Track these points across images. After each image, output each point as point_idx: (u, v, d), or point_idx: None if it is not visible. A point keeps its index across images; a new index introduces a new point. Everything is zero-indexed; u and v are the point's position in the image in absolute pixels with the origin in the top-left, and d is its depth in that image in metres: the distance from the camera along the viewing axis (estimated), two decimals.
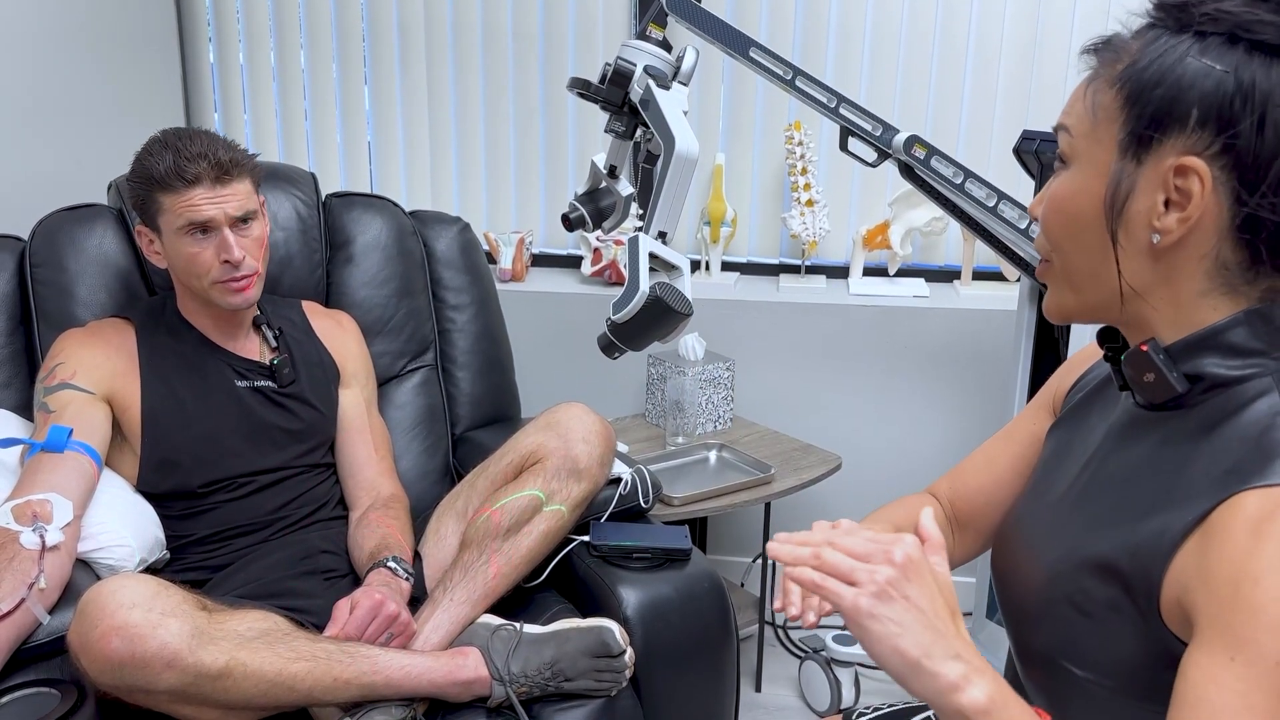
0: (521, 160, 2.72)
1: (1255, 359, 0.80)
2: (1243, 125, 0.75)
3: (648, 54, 1.54)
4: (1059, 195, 0.85)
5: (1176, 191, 0.78)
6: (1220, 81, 0.75)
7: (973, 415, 2.49)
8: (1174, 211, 0.78)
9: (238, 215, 1.61)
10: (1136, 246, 0.81)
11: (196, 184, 1.57)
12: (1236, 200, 0.77)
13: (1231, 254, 0.79)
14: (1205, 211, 0.77)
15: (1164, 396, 0.83)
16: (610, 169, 1.65)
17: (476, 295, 2.13)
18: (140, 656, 1.24)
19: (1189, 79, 0.76)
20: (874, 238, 2.52)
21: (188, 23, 2.76)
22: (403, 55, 2.71)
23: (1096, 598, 0.83)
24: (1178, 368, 0.82)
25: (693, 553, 1.68)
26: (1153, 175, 0.79)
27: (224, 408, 1.69)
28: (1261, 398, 0.79)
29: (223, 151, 1.60)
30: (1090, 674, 0.84)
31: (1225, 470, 0.77)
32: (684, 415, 2.32)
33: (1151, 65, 0.78)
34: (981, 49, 2.47)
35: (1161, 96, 0.77)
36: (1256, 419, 0.78)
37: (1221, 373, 0.81)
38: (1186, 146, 0.77)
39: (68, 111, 2.29)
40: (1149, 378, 0.83)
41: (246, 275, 1.64)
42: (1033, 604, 0.91)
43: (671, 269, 1.46)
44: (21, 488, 1.48)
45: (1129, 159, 0.80)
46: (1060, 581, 0.87)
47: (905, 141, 1.69)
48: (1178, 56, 0.77)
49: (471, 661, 1.46)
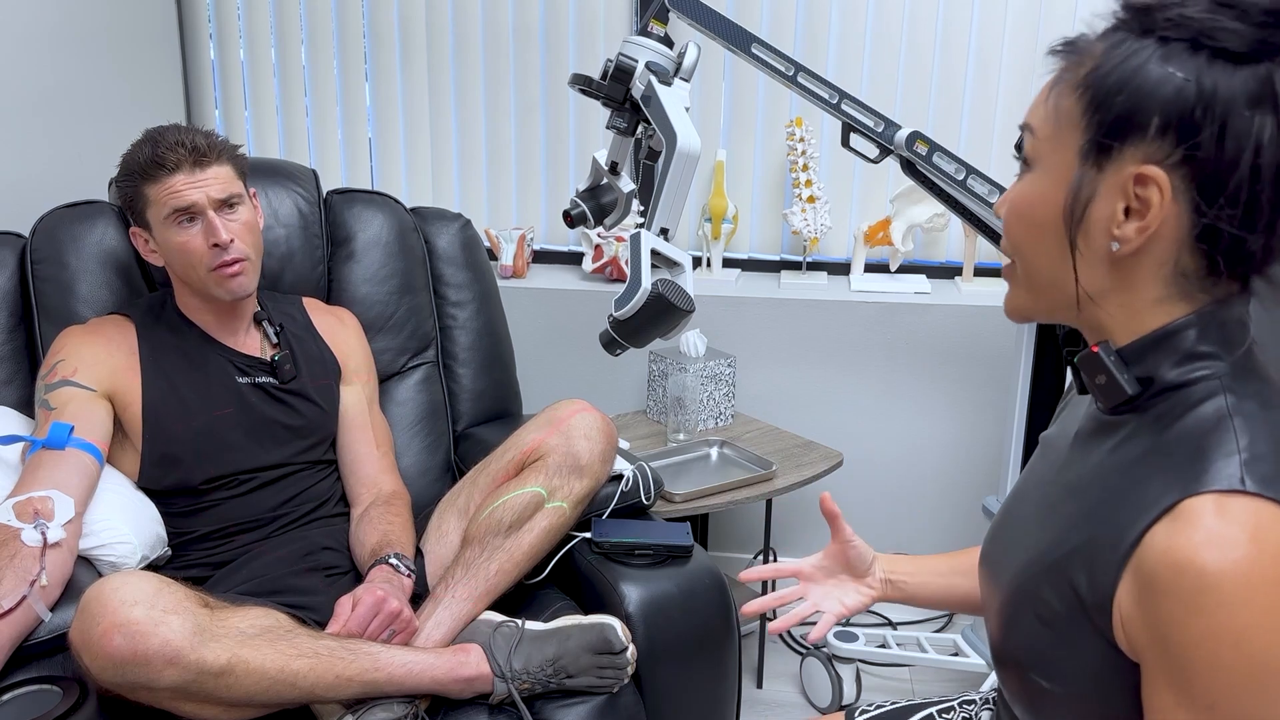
0: (522, 156, 2.72)
1: (1206, 362, 0.80)
2: (1203, 135, 0.74)
3: (649, 50, 1.54)
4: (1021, 199, 0.85)
5: (1136, 200, 0.77)
6: (1181, 90, 0.74)
7: (974, 411, 2.49)
8: (1134, 220, 0.78)
9: (220, 198, 1.63)
10: (1095, 253, 0.80)
11: (177, 170, 1.60)
12: (1195, 210, 0.76)
13: (1190, 263, 0.78)
14: (1164, 221, 0.77)
15: (1116, 399, 0.83)
16: (612, 165, 1.65)
17: (478, 292, 2.12)
18: (142, 654, 1.24)
19: (1150, 86, 0.76)
20: (875, 234, 2.52)
21: (188, 20, 2.75)
22: (403, 52, 2.70)
23: (1056, 609, 0.83)
24: (1130, 370, 0.82)
25: (694, 549, 1.68)
26: (1113, 183, 0.78)
27: (225, 404, 1.69)
28: (1208, 400, 0.79)
29: (200, 138, 1.64)
30: (1059, 686, 0.84)
31: (1164, 480, 0.77)
32: (685, 412, 2.32)
33: (1114, 71, 0.78)
34: (983, 45, 2.47)
35: (1123, 104, 0.77)
36: (1201, 422, 0.78)
37: (1172, 376, 0.81)
38: (1147, 155, 0.76)
39: (69, 109, 2.29)
40: (1101, 380, 0.83)
41: (238, 260, 1.64)
42: (1002, 614, 0.91)
43: (673, 265, 1.46)
44: (23, 485, 1.48)
45: (1090, 165, 0.79)
46: (1024, 592, 0.87)
47: (907, 137, 1.68)
48: (1140, 63, 0.76)
49: (473, 658, 1.46)
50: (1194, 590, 0.71)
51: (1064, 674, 0.83)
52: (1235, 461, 0.74)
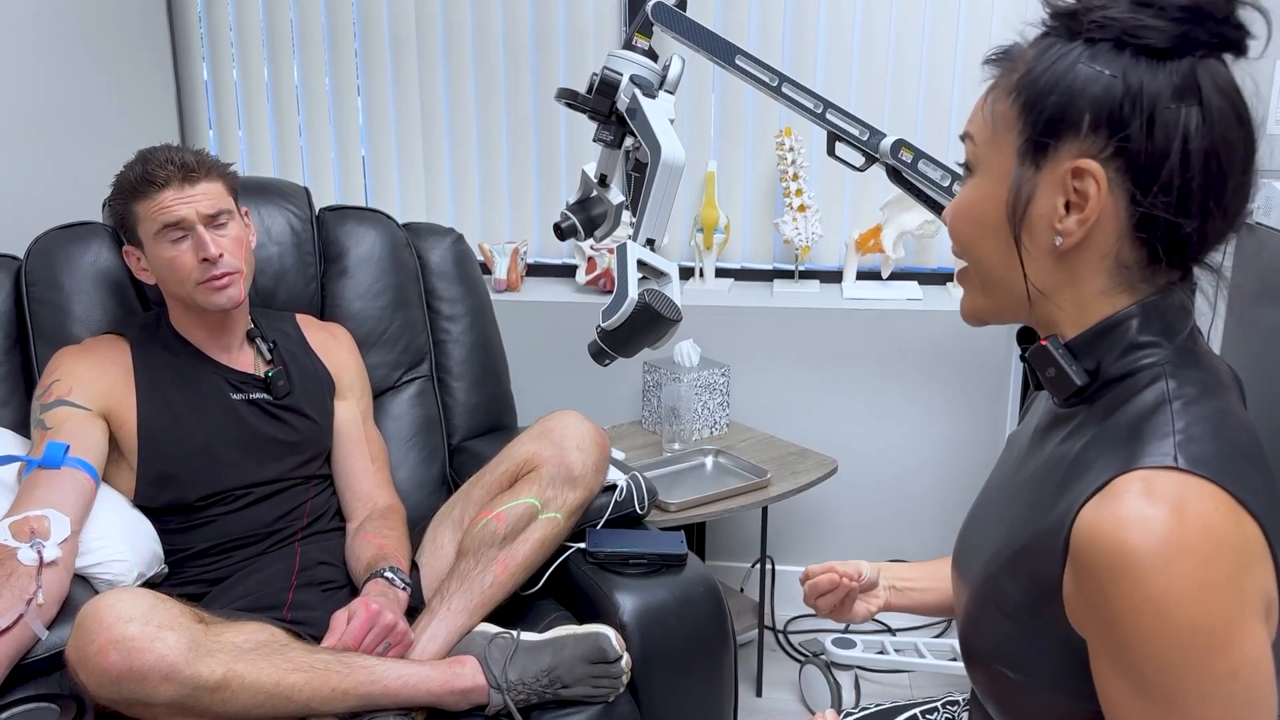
0: (515, 171, 2.74)
1: (1148, 350, 0.82)
2: (1133, 128, 0.77)
3: (634, 63, 1.55)
4: (964, 202, 0.88)
5: (1075, 194, 0.80)
6: (1109, 86, 0.78)
7: (967, 416, 2.49)
8: (1074, 213, 0.80)
9: (209, 214, 1.64)
10: (1040, 249, 0.83)
11: (166, 187, 1.62)
12: (1131, 200, 0.79)
13: (1130, 253, 0.81)
14: (1103, 212, 0.79)
15: (1066, 391, 0.85)
16: (601, 178, 1.66)
17: (471, 306, 2.14)
18: (138, 669, 1.25)
19: (1080, 85, 0.79)
20: (866, 241, 2.53)
21: (181, 40, 2.78)
22: (395, 69, 2.72)
23: (1015, 599, 0.84)
24: (1078, 362, 0.84)
25: (689, 558, 1.69)
26: (1051, 179, 0.81)
27: (219, 420, 1.70)
28: (1150, 387, 0.81)
29: (189, 155, 1.66)
30: (1023, 676, 0.85)
31: (1102, 463, 0.78)
32: (680, 421, 2.33)
33: (1045, 73, 0.81)
34: (970, 52, 2.49)
35: (1055, 103, 0.80)
36: (1142, 408, 0.80)
37: (1117, 365, 0.83)
38: (1082, 150, 0.79)
39: (62, 130, 2.30)
40: (1050, 372, 0.86)
41: (227, 273, 1.65)
42: (968, 611, 0.92)
43: (660, 275, 1.47)
44: (19, 504, 1.49)
45: (1028, 164, 0.82)
46: (987, 587, 0.89)
47: (892, 145, 1.70)
48: (1069, 63, 0.80)
49: (469, 670, 1.47)
50: (1116, 562, 0.73)
51: (1029, 665, 0.84)
52: (1169, 442, 0.76)
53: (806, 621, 2.60)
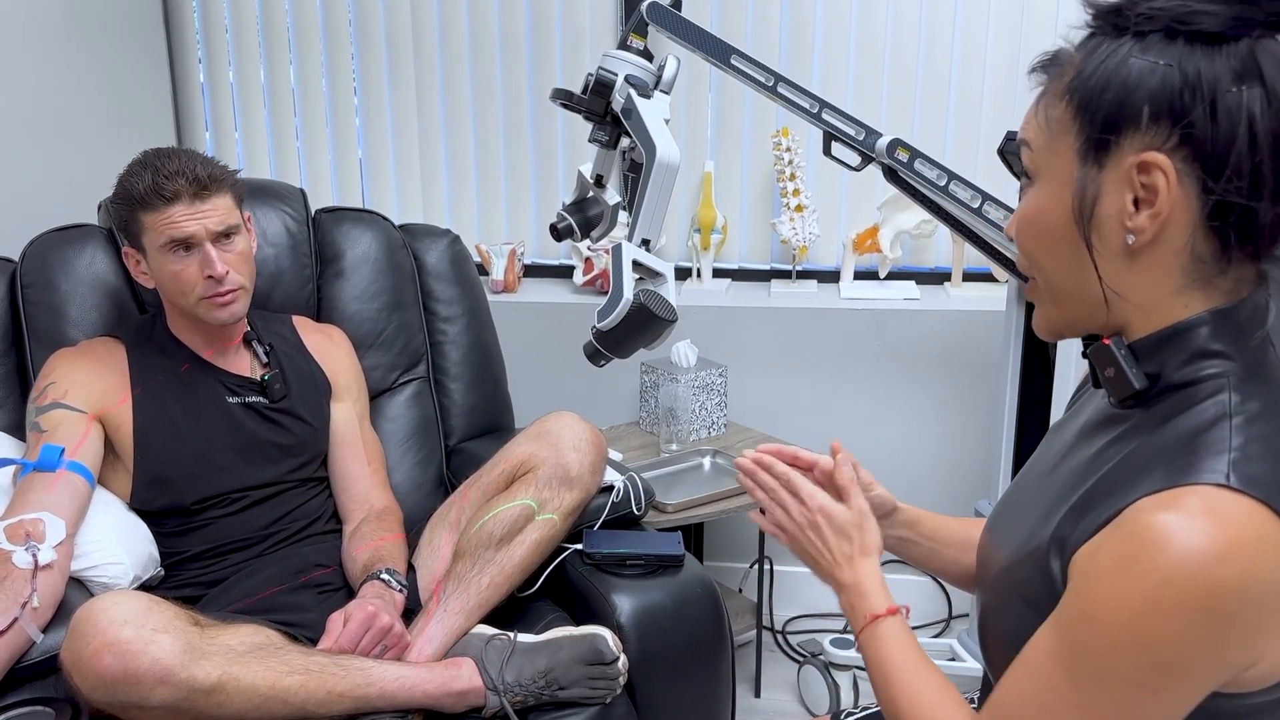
0: (512, 172, 2.73)
1: (1215, 360, 0.81)
2: (1195, 114, 0.76)
3: (629, 64, 1.55)
4: (1028, 211, 0.86)
5: (1143, 189, 0.78)
6: (1166, 76, 0.76)
7: (965, 415, 2.49)
8: (1144, 209, 0.79)
9: (219, 230, 1.62)
10: (1112, 250, 0.81)
11: (176, 201, 1.58)
12: (1203, 189, 0.77)
13: (1204, 244, 0.79)
14: (1175, 204, 0.78)
15: (1124, 393, 0.84)
16: (597, 178, 1.66)
17: (467, 307, 2.13)
18: (133, 673, 1.25)
19: (1135, 78, 0.77)
20: (864, 241, 2.53)
21: (178, 43, 2.77)
22: (391, 71, 2.72)
23: (1038, 589, 0.84)
24: (1140, 365, 0.83)
25: (686, 559, 1.68)
26: (1116, 177, 0.79)
27: (215, 424, 1.70)
28: (1211, 399, 0.79)
29: (200, 167, 1.60)
30: None
31: (1152, 472, 0.78)
32: (677, 422, 2.32)
33: (1096, 72, 0.79)
34: (966, 51, 2.48)
35: (1111, 100, 0.78)
36: (1201, 420, 0.79)
37: (1180, 374, 0.81)
38: (1145, 143, 0.78)
39: (58, 133, 2.30)
40: (1110, 373, 0.84)
41: (231, 290, 1.64)
42: (991, 597, 0.92)
43: (655, 276, 1.47)
44: (14, 507, 1.49)
45: (1090, 165, 0.80)
46: (1011, 574, 0.88)
47: (888, 145, 1.69)
48: (1120, 59, 0.78)
49: (466, 672, 1.47)
50: (1146, 552, 0.72)
51: None
52: (1224, 459, 0.75)
53: (805, 622, 2.60)
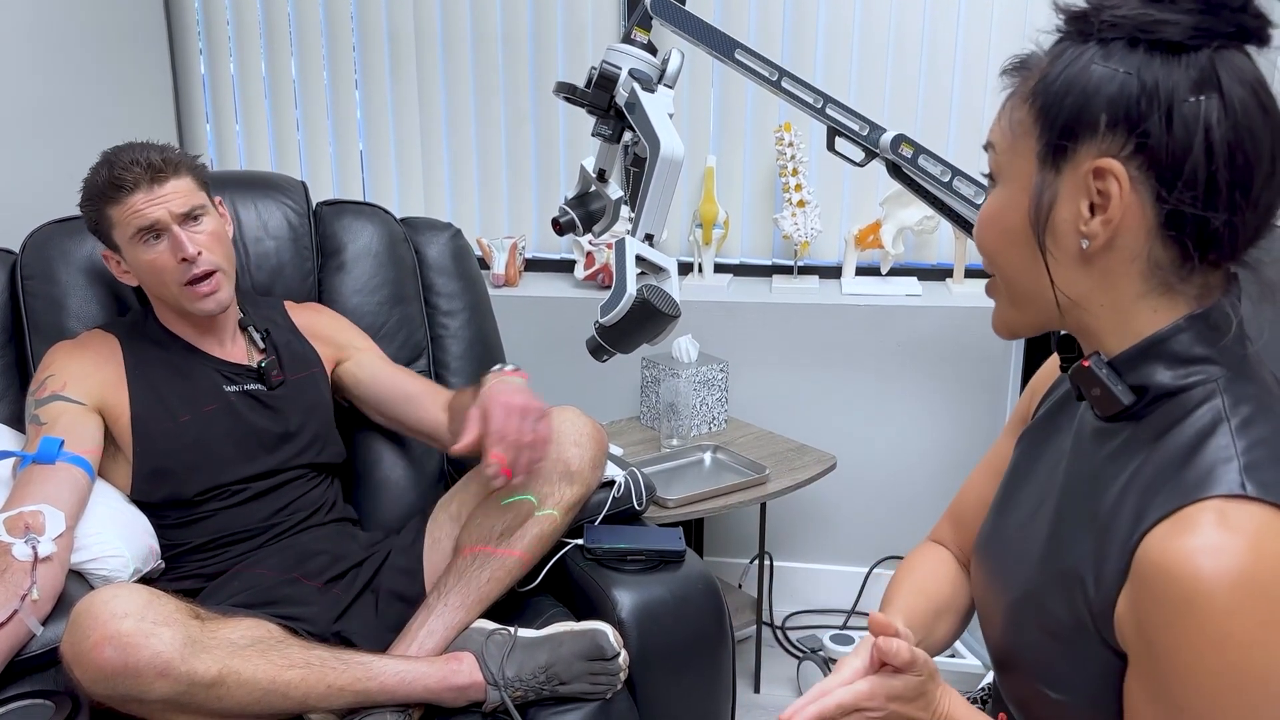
0: (513, 165, 2.73)
1: (1200, 365, 0.81)
2: (1151, 123, 0.76)
3: (632, 57, 1.54)
4: (988, 212, 0.87)
5: (1098, 195, 0.78)
6: (1124, 84, 0.77)
7: (967, 412, 2.49)
8: (1098, 215, 0.79)
9: (182, 212, 1.63)
10: (1067, 254, 0.81)
11: (135, 189, 1.60)
12: (1157, 198, 0.77)
13: (1162, 252, 0.79)
14: (1128, 211, 0.78)
15: (1112, 409, 0.83)
16: (599, 172, 1.65)
17: (469, 301, 2.13)
18: (133, 666, 1.24)
19: (1094, 85, 0.78)
20: (866, 237, 2.53)
21: (178, 35, 2.76)
22: (393, 64, 2.71)
23: (1062, 619, 0.83)
24: (1124, 380, 0.82)
25: (687, 554, 1.68)
26: (1072, 182, 0.80)
27: (213, 414, 1.70)
28: (1204, 404, 0.79)
29: (154, 154, 1.63)
30: (1065, 696, 0.84)
31: (1164, 487, 0.77)
32: (678, 417, 2.32)
33: (1059, 76, 0.80)
34: (970, 46, 2.48)
35: (1071, 105, 0.79)
36: (1198, 428, 0.79)
37: (1167, 382, 0.81)
38: (1101, 150, 0.78)
39: (59, 125, 2.29)
40: (1095, 392, 0.84)
41: (208, 272, 1.64)
42: (1005, 629, 0.91)
43: (659, 271, 1.46)
44: (14, 499, 1.48)
45: (1049, 169, 0.81)
46: (1029, 601, 0.87)
47: (892, 140, 1.69)
48: (1083, 65, 0.79)
49: (466, 666, 1.46)
50: (1187, 596, 0.71)
51: (1072, 685, 0.83)
52: (1234, 467, 0.75)
53: (805, 618, 2.60)
